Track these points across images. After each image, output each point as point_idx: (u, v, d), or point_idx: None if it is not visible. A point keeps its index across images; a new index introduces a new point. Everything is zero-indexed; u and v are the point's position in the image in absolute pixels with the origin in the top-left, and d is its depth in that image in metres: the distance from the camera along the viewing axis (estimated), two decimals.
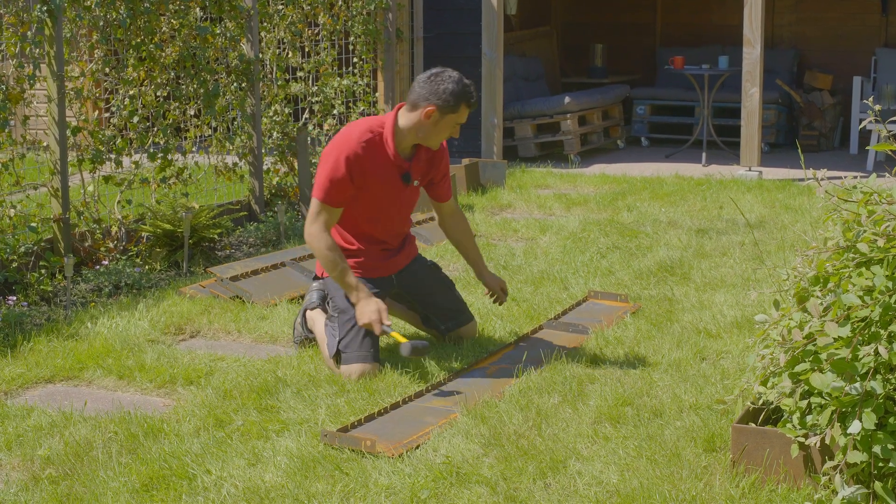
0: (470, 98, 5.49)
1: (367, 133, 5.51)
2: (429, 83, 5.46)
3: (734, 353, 5.55)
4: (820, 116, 13.19)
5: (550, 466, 4.30)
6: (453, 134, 5.58)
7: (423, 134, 5.53)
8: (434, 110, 5.45)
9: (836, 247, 4.18)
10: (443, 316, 5.89)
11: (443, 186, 5.84)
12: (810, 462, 4.04)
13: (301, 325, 5.87)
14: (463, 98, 5.46)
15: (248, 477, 4.26)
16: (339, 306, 5.52)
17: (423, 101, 5.45)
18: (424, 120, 5.48)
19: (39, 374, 5.58)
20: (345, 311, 5.49)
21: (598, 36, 14.96)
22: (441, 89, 5.44)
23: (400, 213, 5.72)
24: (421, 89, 5.48)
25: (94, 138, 7.79)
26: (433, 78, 5.47)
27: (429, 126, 5.50)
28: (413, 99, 5.50)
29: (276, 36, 9.76)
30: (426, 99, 5.45)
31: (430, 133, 5.53)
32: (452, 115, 5.49)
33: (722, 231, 8.46)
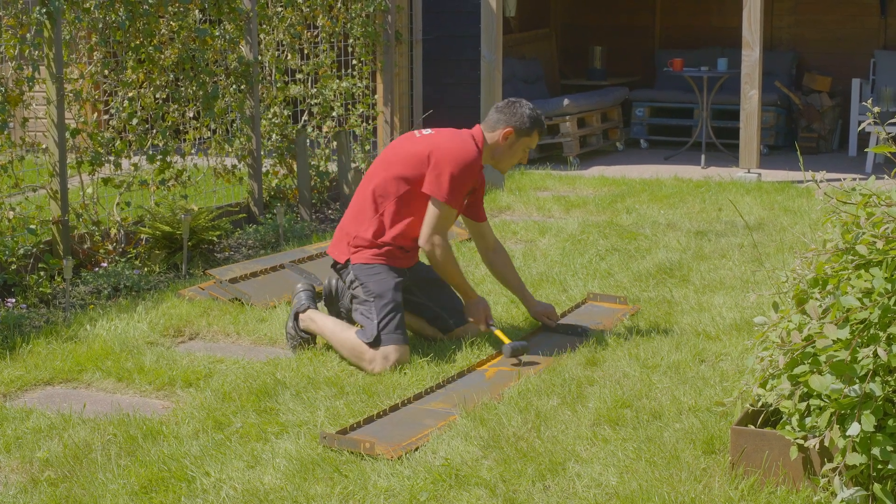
0: (543, 125, 5.92)
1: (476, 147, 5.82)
2: (508, 109, 5.86)
3: (733, 356, 5.55)
4: (819, 118, 13.19)
5: (549, 468, 4.30)
6: (522, 160, 5.97)
7: (497, 156, 5.90)
8: (511, 132, 5.82)
9: (835, 249, 4.18)
10: (451, 311, 5.99)
11: (479, 206, 6.06)
12: (809, 464, 4.04)
13: (294, 328, 5.89)
14: (537, 124, 5.88)
15: (247, 479, 4.26)
16: (373, 291, 5.67)
17: (503, 124, 5.83)
18: (501, 141, 5.84)
19: (38, 376, 5.58)
20: (381, 296, 5.65)
21: (598, 38, 14.97)
22: (519, 113, 5.84)
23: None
24: (500, 114, 5.87)
25: (93, 140, 7.79)
26: (511, 105, 5.86)
27: (504, 148, 5.88)
28: (491, 123, 5.87)
29: (275, 38, 9.76)
30: (505, 122, 5.83)
31: (503, 155, 5.90)
32: (527, 138, 5.88)
33: (721, 233, 8.46)
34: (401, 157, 5.78)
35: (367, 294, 5.69)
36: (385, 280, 5.70)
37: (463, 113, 11.79)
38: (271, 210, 9.23)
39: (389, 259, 5.78)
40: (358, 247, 5.78)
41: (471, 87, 11.93)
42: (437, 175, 5.65)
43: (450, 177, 5.64)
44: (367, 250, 5.77)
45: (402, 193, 5.73)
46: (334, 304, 6.11)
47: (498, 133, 5.83)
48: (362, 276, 5.73)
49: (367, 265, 5.74)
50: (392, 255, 5.79)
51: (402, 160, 5.76)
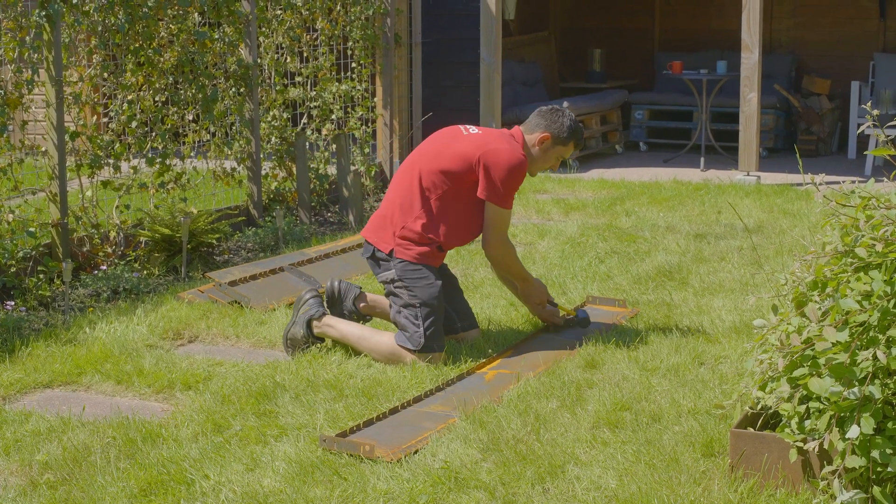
0: (580, 137, 5.99)
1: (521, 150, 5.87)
2: (549, 114, 5.92)
3: (733, 358, 5.55)
4: (818, 121, 13.20)
5: (549, 471, 4.30)
6: (553, 167, 6.05)
7: (531, 159, 5.93)
8: (548, 139, 5.88)
9: (834, 251, 4.18)
10: (461, 314, 6.01)
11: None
12: (809, 467, 4.04)
13: (306, 335, 5.87)
14: (575, 135, 5.95)
15: (247, 482, 4.26)
16: (420, 297, 5.72)
17: (541, 129, 5.89)
18: (537, 145, 5.89)
19: (38, 379, 5.58)
20: (426, 304, 5.71)
21: (597, 41, 14.97)
22: (560, 122, 5.91)
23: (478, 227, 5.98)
24: (540, 119, 5.92)
25: (92, 143, 7.79)
26: (554, 111, 5.94)
27: (539, 153, 5.91)
28: (531, 126, 5.93)
29: (274, 41, 9.76)
30: (545, 128, 5.88)
31: (536, 159, 5.93)
32: (562, 147, 5.94)
33: (720, 236, 8.46)
34: (449, 153, 5.78)
35: (412, 298, 5.71)
36: (431, 286, 5.72)
37: (462, 116, 11.78)
38: (270, 213, 9.23)
39: (431, 259, 5.80)
40: (405, 238, 5.77)
41: (470, 90, 11.93)
42: (492, 180, 5.71)
43: (503, 182, 5.71)
44: (414, 246, 5.76)
45: (447, 190, 5.76)
46: (337, 305, 6.12)
47: (535, 137, 5.88)
48: (407, 278, 5.74)
49: (413, 265, 5.74)
50: (433, 255, 5.81)
51: (451, 157, 5.77)
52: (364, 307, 6.14)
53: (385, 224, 5.84)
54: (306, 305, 5.95)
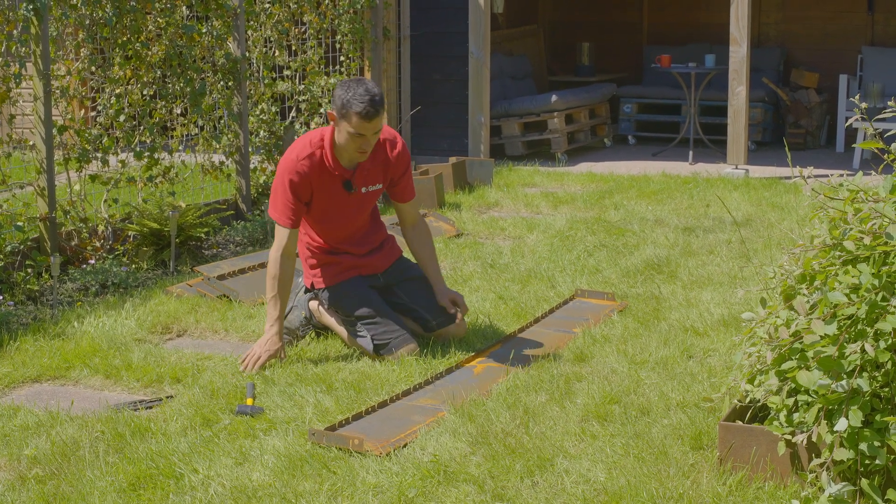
0: (360, 106, 5.34)
1: (306, 149, 5.60)
2: (336, 89, 5.47)
3: (721, 351, 5.56)
4: (806, 115, 13.22)
5: (538, 465, 4.30)
6: (363, 147, 5.49)
7: (338, 143, 5.57)
8: (333, 116, 5.51)
9: (822, 245, 4.19)
10: (433, 311, 5.91)
11: (401, 186, 5.86)
12: (797, 459, 4.05)
13: (304, 321, 5.89)
14: (348, 105, 5.37)
15: (236, 476, 4.26)
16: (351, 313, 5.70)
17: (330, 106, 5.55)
18: (333, 126, 5.55)
19: (26, 373, 5.57)
20: (362, 317, 5.68)
21: (585, 34, 14.97)
22: (337, 95, 5.44)
23: (349, 220, 5.80)
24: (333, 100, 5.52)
25: (80, 137, 7.77)
26: (340, 84, 5.46)
27: (338, 134, 5.52)
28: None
29: (262, 34, 9.75)
30: (331, 104, 5.55)
31: (341, 143, 5.54)
32: (346, 123, 5.43)
33: (709, 229, 8.48)
34: None
35: (347, 316, 5.74)
36: (350, 297, 5.72)
37: (451, 109, 11.80)
38: (259, 207, 9.22)
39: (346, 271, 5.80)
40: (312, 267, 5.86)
41: (459, 84, 11.92)
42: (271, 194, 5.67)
43: (273, 194, 5.63)
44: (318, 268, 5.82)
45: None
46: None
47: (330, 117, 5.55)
48: (333, 300, 5.78)
49: (333, 287, 5.78)
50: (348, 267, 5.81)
51: None
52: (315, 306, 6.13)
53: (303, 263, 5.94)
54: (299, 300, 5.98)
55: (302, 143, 5.64)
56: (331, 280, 5.78)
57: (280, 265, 5.57)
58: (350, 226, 5.81)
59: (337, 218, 5.75)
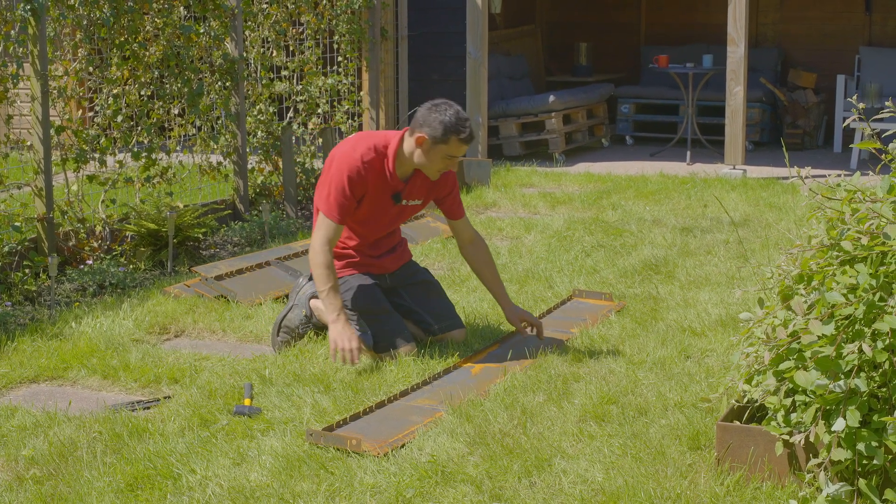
0: (460, 132, 5.51)
1: (370, 153, 5.60)
2: (427, 112, 5.55)
3: (719, 352, 5.56)
4: (804, 115, 13.22)
5: (536, 465, 4.30)
6: (450, 167, 5.65)
7: (419, 161, 5.62)
8: (425, 139, 5.53)
9: (820, 245, 4.19)
10: (436, 316, 5.92)
11: (449, 203, 5.89)
12: (795, 460, 4.05)
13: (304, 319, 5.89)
14: (453, 131, 5.51)
15: (233, 476, 4.26)
16: (355, 310, 5.70)
17: (417, 127, 5.55)
18: (417, 147, 5.57)
19: (23, 373, 5.56)
20: (364, 312, 5.68)
21: (583, 34, 14.97)
22: (435, 121, 5.51)
23: (384, 228, 5.84)
24: (419, 118, 5.57)
25: (77, 137, 7.77)
26: (432, 108, 5.55)
27: (422, 154, 5.59)
28: (412, 125, 5.59)
29: (260, 35, 9.75)
30: (419, 126, 5.54)
31: (423, 163, 5.62)
32: (444, 146, 5.54)
33: (706, 229, 8.48)
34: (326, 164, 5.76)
35: (352, 311, 5.72)
36: (359, 292, 5.72)
37: None
38: (257, 207, 9.22)
39: (359, 268, 5.81)
40: None
41: (456, 84, 11.92)
42: (321, 185, 5.61)
43: (327, 189, 5.56)
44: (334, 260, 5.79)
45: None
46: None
47: (414, 139, 5.56)
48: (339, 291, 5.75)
49: (340, 279, 5.73)
50: (360, 263, 5.81)
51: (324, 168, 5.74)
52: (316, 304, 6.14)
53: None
54: (307, 286, 5.99)
55: (365, 144, 5.62)
56: (339, 271, 5.78)
57: (328, 254, 5.52)
58: (381, 232, 5.85)
59: (374, 223, 5.77)
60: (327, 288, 5.48)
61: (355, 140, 5.67)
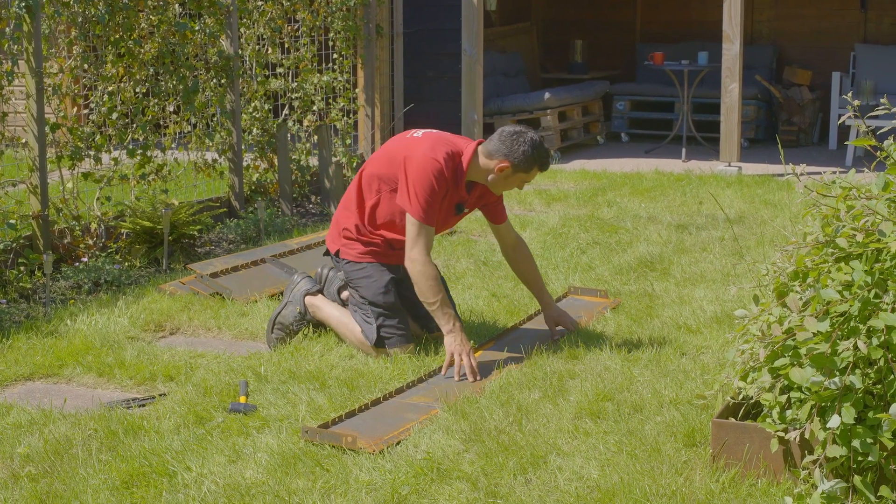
0: (544, 164, 5.70)
1: (450, 159, 5.62)
2: (510, 140, 5.62)
3: (714, 349, 5.57)
4: (799, 112, 13.23)
5: (531, 462, 4.30)
6: (518, 187, 5.81)
7: (491, 182, 5.70)
8: (508, 167, 5.61)
9: (815, 242, 4.20)
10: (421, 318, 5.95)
11: (497, 209, 5.94)
12: (790, 456, 4.05)
13: (299, 316, 5.89)
14: (537, 162, 5.66)
15: (229, 474, 4.25)
16: (366, 297, 5.71)
17: (501, 155, 5.61)
18: (497, 173, 5.64)
19: (18, 371, 5.56)
20: (373, 303, 5.70)
21: (578, 32, 14.97)
22: (520, 151, 5.60)
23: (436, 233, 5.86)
24: (501, 144, 5.62)
25: (72, 135, 7.76)
26: (514, 137, 5.62)
27: (498, 178, 5.67)
28: (491, 149, 5.64)
29: (255, 32, 9.74)
30: (504, 155, 5.60)
31: (497, 183, 5.71)
32: (524, 174, 5.68)
33: (702, 226, 8.48)
34: (387, 154, 5.72)
35: (361, 299, 5.73)
36: (376, 282, 5.71)
37: (444, 107, 11.79)
38: (252, 204, 9.21)
39: (378, 256, 5.78)
40: (348, 238, 5.80)
41: (452, 81, 11.92)
42: (406, 185, 5.56)
43: (415, 188, 5.52)
44: (355, 243, 5.77)
45: (382, 191, 5.69)
46: (320, 291, 6.14)
47: (494, 163, 5.62)
48: (353, 277, 5.76)
49: (356, 265, 5.75)
50: (380, 253, 5.78)
51: (385, 158, 5.70)
52: (346, 295, 6.13)
53: (334, 226, 5.91)
54: (301, 283, 5.99)
55: (443, 149, 5.61)
56: (358, 257, 5.78)
57: (433, 265, 5.54)
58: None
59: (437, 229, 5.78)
60: (439, 299, 5.48)
61: (430, 143, 5.63)
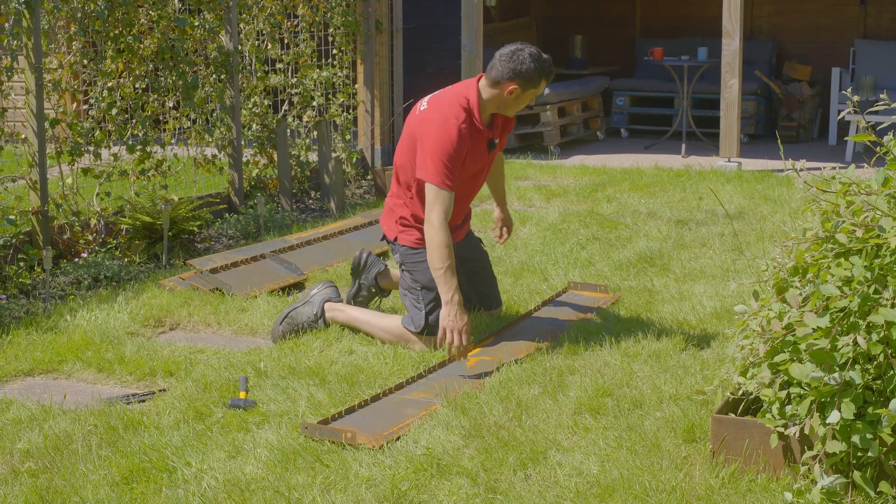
0: (549, 73, 5.74)
1: (462, 112, 5.67)
2: (510, 62, 5.67)
3: (714, 344, 5.57)
4: (799, 107, 13.22)
5: (531, 457, 4.31)
6: (530, 102, 5.86)
7: (503, 106, 5.78)
8: (516, 87, 5.68)
9: (815, 237, 4.20)
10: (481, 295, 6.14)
11: (503, 141, 6.04)
12: (790, 452, 4.06)
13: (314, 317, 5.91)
14: (542, 74, 5.71)
15: (229, 469, 4.26)
16: (420, 282, 5.77)
17: (505, 79, 5.67)
18: (507, 96, 5.70)
19: (18, 367, 5.56)
20: (427, 287, 5.75)
21: (578, 27, 14.96)
22: (523, 69, 5.65)
23: (482, 182, 5.96)
24: (503, 67, 5.68)
25: (72, 130, 7.76)
26: (513, 56, 5.67)
27: (510, 100, 5.73)
28: (494, 76, 5.69)
29: (255, 27, 9.73)
30: (509, 78, 5.66)
31: (510, 105, 5.78)
32: (533, 89, 5.75)
33: (701, 222, 8.48)
34: (408, 136, 5.80)
35: (413, 283, 5.79)
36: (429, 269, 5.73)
37: None
38: (252, 200, 9.21)
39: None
40: (405, 225, 5.88)
41: (452, 77, 11.86)
42: (423, 155, 5.59)
43: (431, 155, 5.55)
44: (412, 230, 5.85)
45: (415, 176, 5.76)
46: (358, 275, 6.29)
47: (501, 88, 5.67)
48: (408, 262, 5.83)
49: (413, 250, 5.83)
50: None
51: (408, 142, 5.78)
52: (386, 283, 6.29)
53: (389, 212, 5.97)
54: (325, 291, 6.04)
55: (452, 106, 5.67)
56: (416, 243, 5.81)
57: (448, 232, 5.53)
58: (481, 185, 5.96)
59: (477, 180, 5.88)
60: (445, 266, 5.46)
61: (440, 112, 5.67)
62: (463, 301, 5.92)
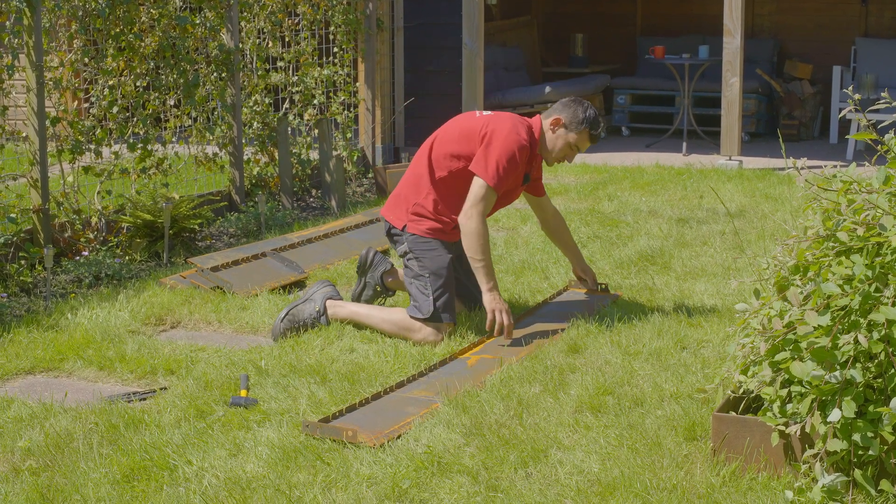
0: (595, 129, 6.00)
1: (529, 134, 5.92)
2: (569, 103, 6.00)
3: (715, 342, 5.57)
4: (800, 106, 13.22)
5: (532, 455, 4.31)
6: (569, 158, 6.06)
7: (549, 146, 6.00)
8: (560, 121, 5.95)
9: (815, 236, 4.20)
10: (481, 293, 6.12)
11: (538, 184, 6.27)
12: (790, 450, 4.06)
13: (316, 314, 5.93)
14: (586, 124, 5.96)
15: (230, 467, 4.26)
16: (429, 268, 5.85)
17: (556, 113, 5.98)
18: (551, 128, 5.97)
19: (19, 365, 5.56)
20: (436, 274, 5.84)
21: (579, 26, 14.95)
22: (574, 110, 5.95)
23: (502, 206, 6.12)
24: (559, 106, 6.00)
25: (73, 129, 7.76)
26: (574, 101, 6.02)
27: (552, 138, 5.98)
28: (549, 112, 6.01)
29: (256, 26, 9.73)
30: (558, 112, 5.97)
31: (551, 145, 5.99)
32: (574, 134, 5.97)
33: (702, 220, 8.48)
34: (458, 132, 5.94)
35: (422, 269, 5.85)
36: (440, 257, 5.87)
37: (444, 101, 11.77)
38: (253, 198, 9.21)
39: (444, 234, 5.93)
40: (418, 214, 5.93)
41: (452, 75, 11.90)
42: (486, 154, 5.77)
43: (497, 158, 5.75)
44: (426, 220, 5.92)
45: (455, 169, 5.89)
46: (364, 273, 6.34)
47: (549, 120, 5.95)
48: (418, 249, 5.89)
49: (423, 239, 5.90)
50: (447, 231, 5.94)
51: (458, 136, 5.91)
52: (391, 282, 6.35)
53: (399, 202, 6.03)
54: (326, 289, 6.07)
55: (522, 125, 5.92)
56: (426, 233, 5.91)
57: (486, 226, 5.81)
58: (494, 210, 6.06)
59: (506, 200, 6.04)
60: (486, 258, 5.76)
61: (512, 120, 5.91)
62: (465, 298, 6.11)
